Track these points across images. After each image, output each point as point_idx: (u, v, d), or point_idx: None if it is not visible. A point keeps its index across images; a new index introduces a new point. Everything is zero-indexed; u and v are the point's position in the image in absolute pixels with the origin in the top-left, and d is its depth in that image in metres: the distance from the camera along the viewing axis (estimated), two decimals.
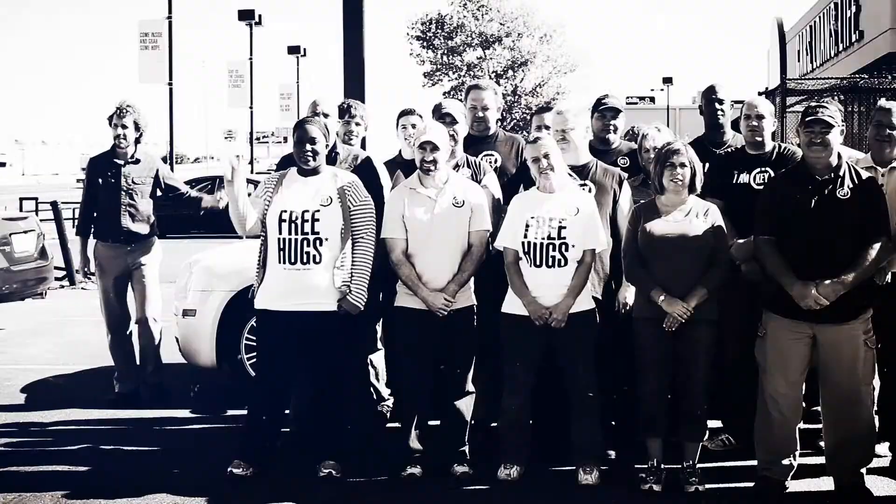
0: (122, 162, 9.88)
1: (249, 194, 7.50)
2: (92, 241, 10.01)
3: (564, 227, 7.21)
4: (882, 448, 7.51)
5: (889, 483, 7.24)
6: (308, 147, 7.41)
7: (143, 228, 9.96)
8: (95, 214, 9.99)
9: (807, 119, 6.81)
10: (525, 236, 7.24)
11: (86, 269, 10.13)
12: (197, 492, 7.19)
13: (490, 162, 8.19)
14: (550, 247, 7.21)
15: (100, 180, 9.90)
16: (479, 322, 7.52)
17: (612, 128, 8.26)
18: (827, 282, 6.63)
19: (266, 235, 7.43)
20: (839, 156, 6.88)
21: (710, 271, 7.09)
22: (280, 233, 7.30)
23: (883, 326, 7.06)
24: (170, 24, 43.41)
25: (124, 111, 9.84)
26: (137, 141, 10.00)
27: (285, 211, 7.30)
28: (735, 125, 8.46)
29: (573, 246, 7.21)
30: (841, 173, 6.85)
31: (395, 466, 7.44)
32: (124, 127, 9.82)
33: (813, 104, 6.92)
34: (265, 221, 7.40)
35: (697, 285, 7.04)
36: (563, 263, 7.21)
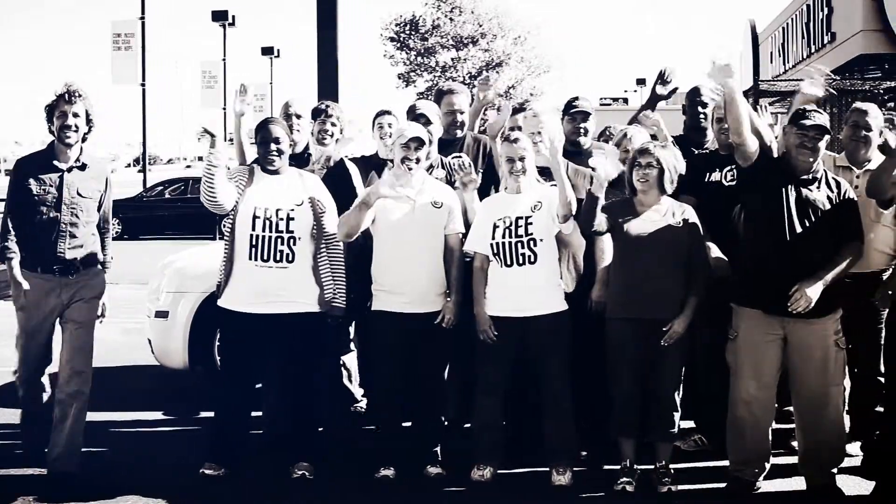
0: (65, 166, 7.43)
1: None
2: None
3: (531, 224, 7.23)
4: (853, 448, 7.55)
5: (860, 482, 7.27)
6: (273, 147, 7.40)
7: (86, 256, 7.60)
8: (18, 235, 7.39)
9: (802, 122, 6.82)
10: (493, 237, 7.25)
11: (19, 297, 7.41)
12: (168, 493, 7.17)
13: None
14: (519, 245, 7.23)
15: (32, 190, 7.31)
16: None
17: (582, 130, 8.26)
18: (808, 280, 6.69)
19: (233, 233, 7.40)
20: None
21: (695, 279, 7.13)
22: (254, 229, 7.27)
23: (852, 328, 7.11)
24: (143, 24, 43.36)
25: (75, 96, 7.34)
26: (84, 139, 7.51)
27: (259, 207, 7.28)
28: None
29: (541, 240, 7.23)
30: (818, 175, 6.90)
31: (369, 468, 7.43)
32: (75, 115, 7.34)
33: (807, 108, 6.92)
34: (233, 218, 7.39)
35: (689, 296, 7.09)
36: (533, 260, 7.22)
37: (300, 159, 8.07)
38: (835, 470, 7.07)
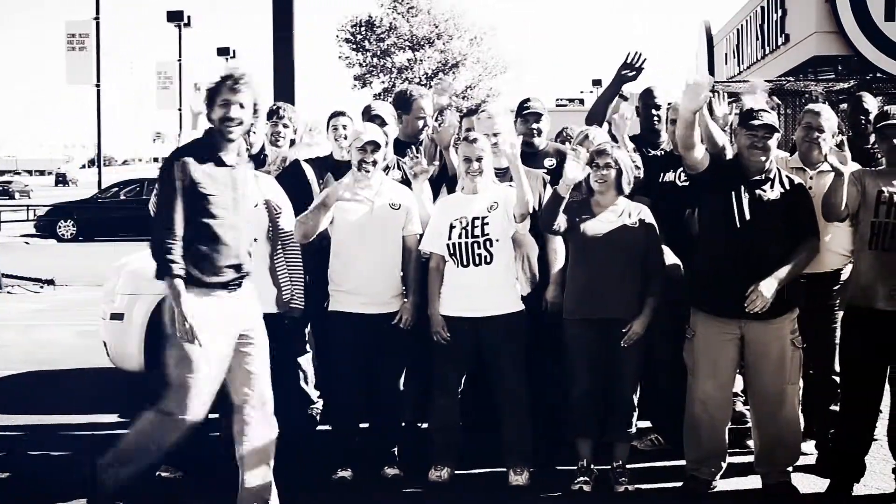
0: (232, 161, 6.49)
1: None
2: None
3: (487, 224, 7.24)
4: (808, 446, 7.60)
5: (815, 480, 7.32)
6: None
7: None
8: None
9: (751, 122, 6.87)
10: (449, 238, 7.26)
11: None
12: (125, 496, 7.11)
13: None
14: (475, 245, 7.24)
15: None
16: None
17: (535, 131, 8.27)
18: (765, 280, 6.73)
19: None
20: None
21: (652, 279, 7.17)
22: None
23: (807, 327, 7.16)
24: (97, 24, 43.10)
25: (241, 82, 6.43)
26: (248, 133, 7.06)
27: None
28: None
29: (497, 241, 7.25)
30: (771, 175, 6.95)
31: (326, 469, 7.42)
32: (241, 106, 6.41)
33: (755, 108, 6.97)
34: None
35: (647, 297, 7.12)
36: (489, 260, 7.24)
37: (256, 160, 8.03)
38: (790, 468, 7.12)
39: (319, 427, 8.22)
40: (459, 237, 7.25)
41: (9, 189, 79.32)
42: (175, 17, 56.71)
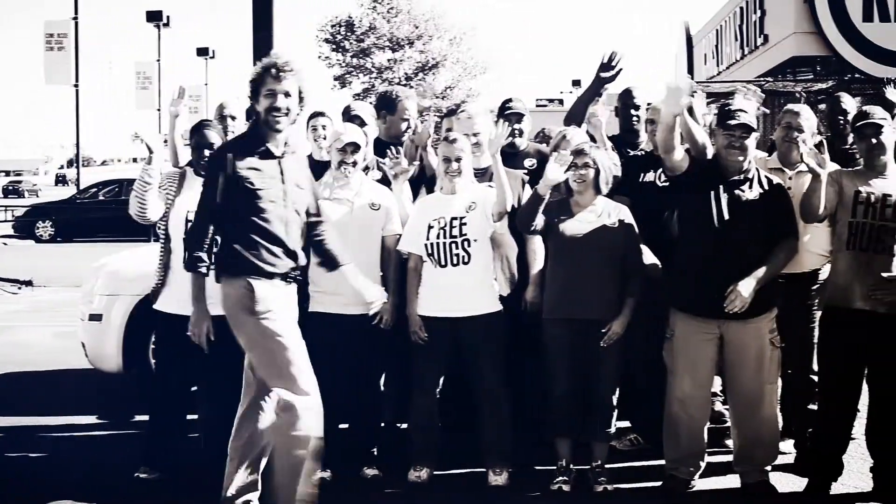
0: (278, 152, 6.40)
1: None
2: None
3: (465, 224, 7.25)
4: (786, 445, 7.62)
5: (793, 479, 7.34)
6: (207, 152, 7.34)
7: None
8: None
9: (728, 122, 6.89)
10: (427, 238, 7.26)
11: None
12: (103, 498, 7.11)
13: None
14: (453, 245, 7.24)
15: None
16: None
17: (516, 131, 8.28)
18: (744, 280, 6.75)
19: (168, 237, 7.37)
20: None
21: (632, 280, 7.18)
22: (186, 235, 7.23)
23: (785, 327, 7.18)
24: (76, 24, 42.93)
25: (285, 70, 6.34)
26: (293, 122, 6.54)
27: (192, 211, 7.22)
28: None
29: (475, 241, 7.25)
30: (750, 175, 6.97)
31: None
32: (287, 95, 6.35)
33: (733, 107, 6.98)
34: (166, 222, 7.34)
35: (626, 297, 7.13)
36: (466, 261, 7.24)
37: None
38: (768, 467, 7.14)
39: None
40: (438, 237, 7.25)
41: (18, 188, 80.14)
42: (154, 17, 56.57)
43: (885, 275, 6.85)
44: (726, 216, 6.84)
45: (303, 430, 6.24)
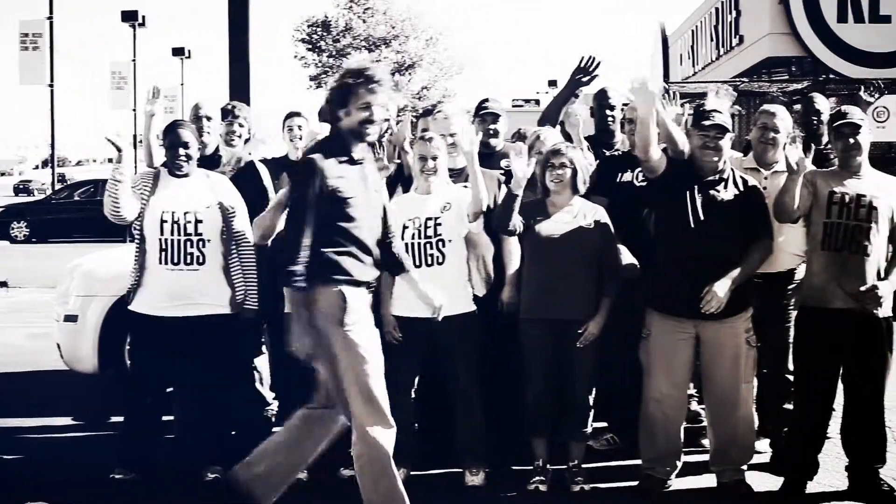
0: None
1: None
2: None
3: (440, 225, 7.24)
4: (762, 444, 7.65)
5: (769, 478, 7.36)
6: (181, 152, 7.33)
7: None
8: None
9: (703, 123, 6.91)
10: (402, 238, 7.24)
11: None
12: (78, 499, 7.09)
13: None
14: (427, 245, 7.23)
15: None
16: None
17: (492, 131, 8.29)
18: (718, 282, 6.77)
19: (143, 237, 7.34)
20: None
21: (608, 280, 7.18)
22: (162, 233, 7.21)
23: (761, 327, 7.21)
24: (51, 24, 42.76)
25: (378, 83, 6.13)
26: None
27: (167, 212, 7.22)
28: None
29: (450, 241, 7.25)
30: (725, 176, 6.99)
31: None
32: (383, 108, 6.30)
33: (707, 108, 7.00)
34: (141, 223, 7.32)
35: (602, 297, 7.14)
36: (441, 261, 7.23)
37: (211, 161, 8.01)
38: (745, 467, 7.17)
39: (275, 429, 8.20)
40: (412, 238, 7.24)
41: (28, 187, 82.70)
42: (129, 16, 56.30)
43: (876, 283, 6.87)
44: (701, 216, 6.85)
45: (388, 464, 6.30)
